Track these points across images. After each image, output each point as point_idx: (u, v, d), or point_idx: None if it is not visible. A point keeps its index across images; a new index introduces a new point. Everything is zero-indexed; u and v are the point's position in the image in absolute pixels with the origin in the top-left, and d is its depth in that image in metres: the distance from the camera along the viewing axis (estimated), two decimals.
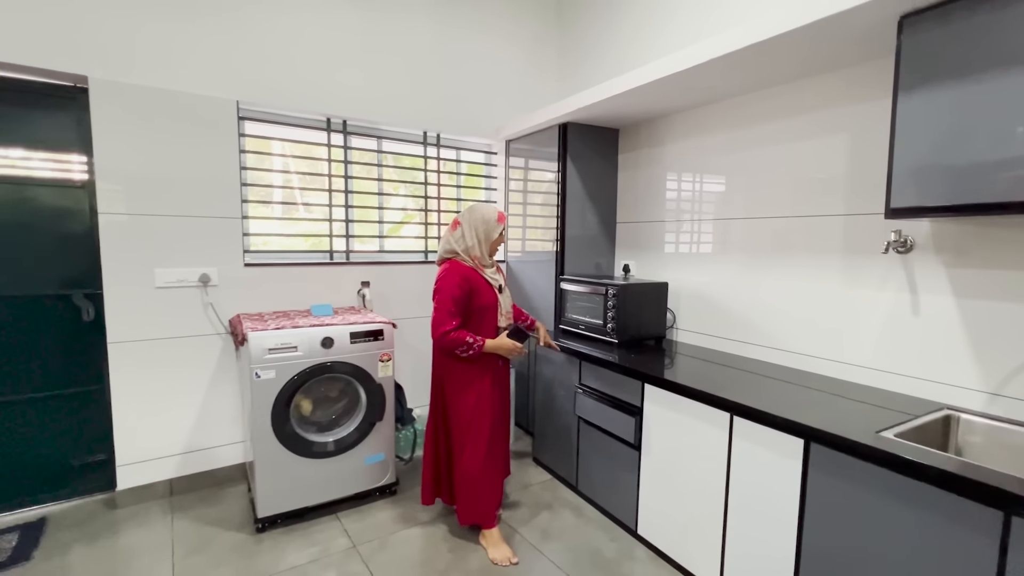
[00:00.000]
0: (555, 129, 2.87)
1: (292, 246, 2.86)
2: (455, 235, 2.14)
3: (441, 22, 3.06)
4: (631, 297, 2.46)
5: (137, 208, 2.28)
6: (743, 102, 2.29)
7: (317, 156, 2.86)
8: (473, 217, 2.13)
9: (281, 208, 2.81)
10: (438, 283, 2.07)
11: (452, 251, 2.12)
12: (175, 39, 2.31)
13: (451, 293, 2.02)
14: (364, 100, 2.84)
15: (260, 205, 2.70)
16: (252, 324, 2.24)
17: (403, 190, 3.26)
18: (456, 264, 2.09)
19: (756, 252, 2.27)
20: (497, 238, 2.16)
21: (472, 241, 2.11)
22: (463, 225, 2.13)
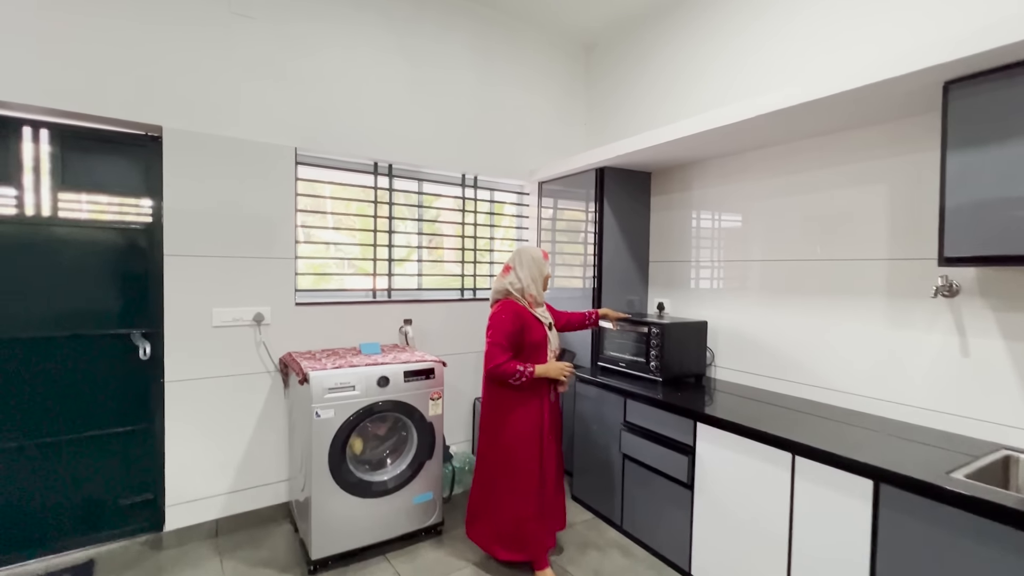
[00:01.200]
0: (592, 173, 2.99)
1: (339, 285, 2.93)
2: (509, 278, 2.23)
3: (481, 74, 3.23)
4: (674, 336, 2.53)
5: (199, 249, 2.36)
6: (781, 152, 2.42)
7: (363, 198, 2.97)
8: (524, 259, 2.24)
9: (328, 248, 2.89)
10: (492, 319, 2.16)
11: (506, 291, 2.22)
12: (242, 91, 2.44)
13: (503, 328, 2.10)
14: (409, 144, 2.97)
15: (311, 245, 2.78)
16: (309, 363, 2.28)
17: (441, 229, 3.36)
18: (509, 302, 2.19)
19: (796, 293, 2.36)
20: (547, 275, 2.28)
21: (528, 281, 2.21)
22: (516, 268, 2.23)
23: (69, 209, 2.21)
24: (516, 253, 2.28)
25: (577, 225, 3.18)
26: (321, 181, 2.82)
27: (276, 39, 2.53)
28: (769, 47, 2.48)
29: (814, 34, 2.29)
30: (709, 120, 2.22)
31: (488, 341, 2.13)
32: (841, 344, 2.19)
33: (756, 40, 2.54)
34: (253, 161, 2.48)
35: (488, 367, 2.09)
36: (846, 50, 2.16)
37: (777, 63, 2.44)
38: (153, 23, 2.24)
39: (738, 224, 2.64)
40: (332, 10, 2.69)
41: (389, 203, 3.01)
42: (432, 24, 3.04)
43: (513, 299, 2.20)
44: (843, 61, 2.16)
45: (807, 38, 2.32)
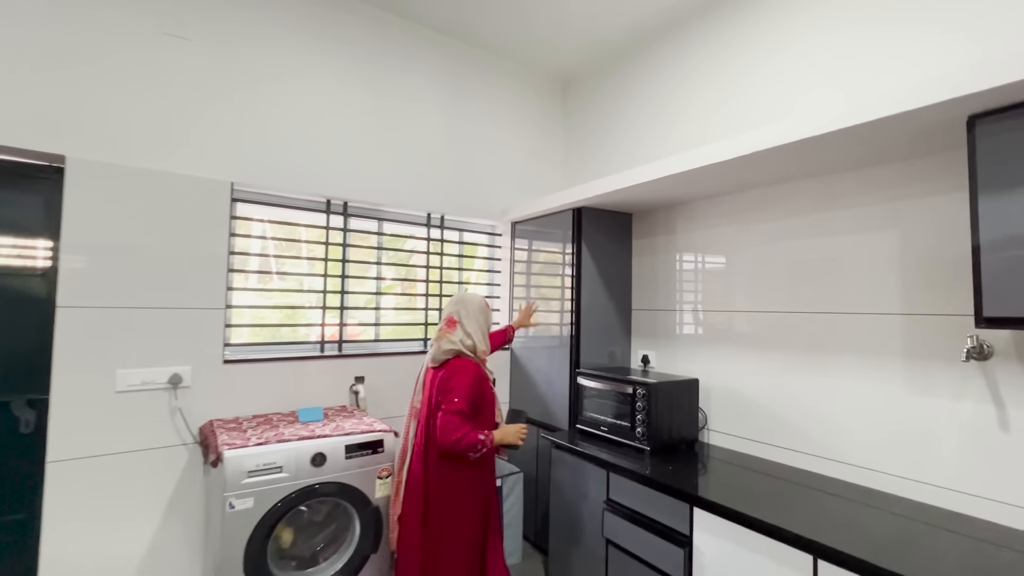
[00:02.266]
0: (568, 213, 2.74)
1: (282, 337, 2.57)
2: (455, 336, 1.97)
3: (450, 108, 3.01)
4: (663, 396, 2.21)
5: (104, 299, 1.99)
6: (777, 193, 2.20)
7: (313, 239, 2.65)
8: (471, 310, 2.03)
9: (271, 296, 2.54)
10: (452, 382, 1.85)
11: (457, 351, 1.95)
12: (172, 119, 2.14)
13: (467, 394, 1.83)
14: (368, 181, 2.69)
15: (246, 293, 2.43)
16: (230, 437, 1.90)
17: (403, 273, 3.04)
18: (467, 361, 1.93)
19: (797, 348, 2.09)
20: (490, 325, 2.12)
21: (479, 336, 2.00)
22: (463, 322, 2.00)
23: None
24: (459, 303, 2.03)
25: (553, 269, 2.90)
26: (265, 220, 2.50)
27: (217, 64, 2.26)
28: (757, 81, 2.30)
29: (805, 69, 2.11)
30: (694, 158, 1.99)
31: (446, 408, 1.81)
32: (852, 410, 1.90)
33: (744, 74, 2.37)
34: (178, 197, 2.15)
35: (448, 440, 1.76)
36: (839, 87, 1.98)
37: (766, 98, 2.26)
38: (62, 39, 1.94)
39: (729, 271, 2.39)
40: (285, 35, 2.45)
41: (343, 244, 2.69)
42: (398, 56, 2.82)
43: (467, 358, 1.94)
44: (837, 97, 1.98)
45: (797, 73, 2.14)
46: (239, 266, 2.38)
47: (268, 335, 2.54)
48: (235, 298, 2.37)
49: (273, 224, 2.55)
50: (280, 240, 2.59)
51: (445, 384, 1.86)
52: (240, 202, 2.39)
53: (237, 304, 2.38)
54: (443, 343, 1.95)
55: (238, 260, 2.38)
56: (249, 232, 2.46)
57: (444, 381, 1.87)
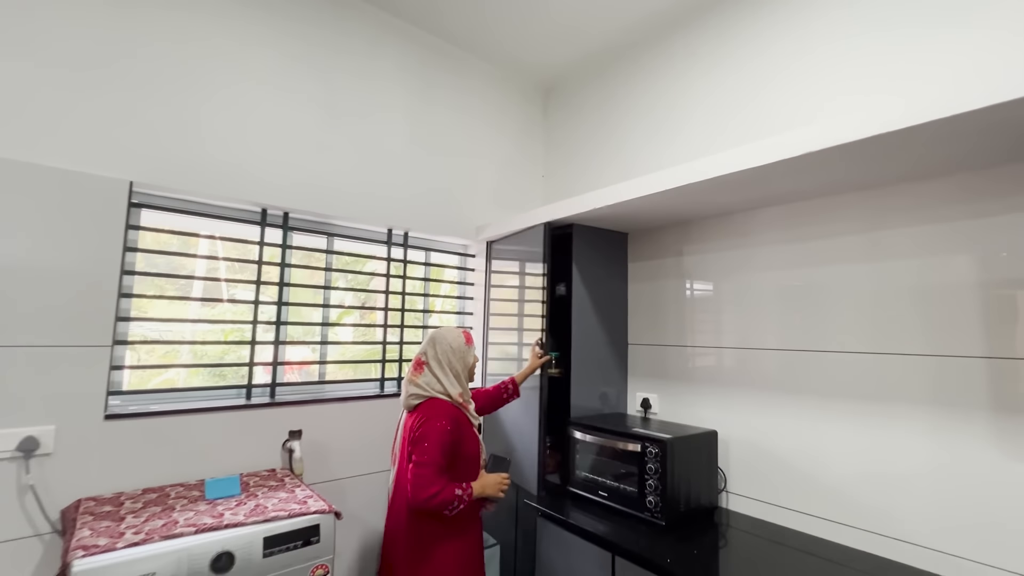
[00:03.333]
0: (558, 232, 2.33)
1: (189, 380, 2.02)
2: (423, 379, 1.74)
3: (417, 110, 2.58)
4: (679, 455, 1.78)
5: None
6: (805, 209, 1.85)
7: (245, 258, 2.13)
8: (439, 350, 1.77)
9: (179, 326, 2.01)
10: (422, 429, 1.62)
11: (425, 396, 1.72)
12: (39, 96, 1.62)
13: (440, 443, 1.60)
14: (315, 189, 2.21)
15: (147, 324, 1.89)
16: (92, 531, 1.33)
17: (359, 300, 2.55)
18: (442, 404, 1.69)
19: (839, 396, 1.71)
20: (472, 363, 1.85)
21: (448, 380, 1.74)
22: (430, 364, 1.76)
23: None
24: (429, 343, 1.80)
25: (539, 294, 2.47)
26: (179, 232, 1.98)
27: (108, 30, 1.76)
28: (778, 88, 1.99)
29: (833, 75, 1.81)
30: (714, 165, 1.62)
31: (418, 460, 1.57)
32: (915, 473, 1.52)
33: (761, 79, 2.05)
34: (51, 198, 1.61)
35: (420, 498, 1.53)
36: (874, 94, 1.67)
37: (786, 106, 1.95)
38: None
39: (748, 300, 2.01)
40: None
41: (281, 264, 2.18)
42: (359, 42, 2.39)
43: (442, 400, 1.71)
44: (867, 105, 1.67)
45: (825, 79, 1.83)
46: (139, 290, 1.85)
47: (174, 379, 1.99)
48: (131, 331, 1.83)
49: (192, 238, 2.03)
50: (200, 258, 2.07)
51: (415, 431, 1.63)
52: (144, 208, 1.87)
53: (133, 339, 1.83)
54: (409, 387, 1.75)
55: (138, 282, 1.85)
56: (160, 247, 1.93)
57: (415, 427, 1.64)
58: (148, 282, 1.90)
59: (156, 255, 1.91)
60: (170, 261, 1.98)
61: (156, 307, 1.97)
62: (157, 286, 1.93)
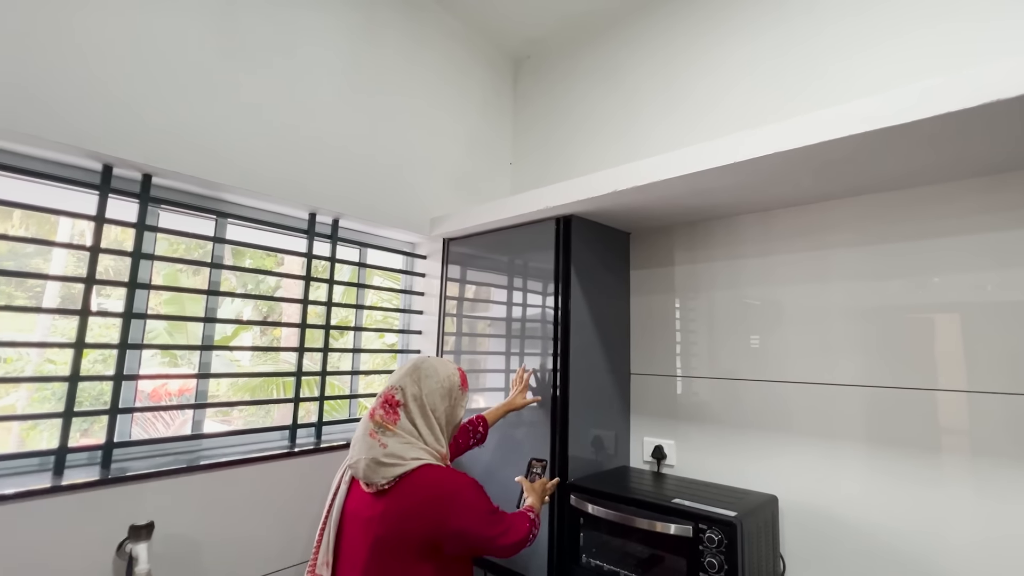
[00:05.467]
0: (549, 225, 1.74)
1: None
2: (402, 427, 1.15)
3: (358, 55, 1.90)
4: (751, 541, 1.24)
5: None
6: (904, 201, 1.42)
7: (72, 243, 1.32)
8: (424, 389, 1.20)
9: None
10: (466, 514, 1.09)
11: (413, 458, 1.12)
12: None
13: (483, 507, 1.14)
14: (199, 141, 1.45)
15: None
16: None
17: (251, 312, 1.79)
18: (440, 470, 1.15)
19: (962, 448, 1.27)
20: (459, 420, 1.29)
21: (436, 430, 1.20)
22: (408, 407, 1.17)
23: None
24: (410, 375, 1.21)
25: (509, 310, 1.86)
26: None
27: None
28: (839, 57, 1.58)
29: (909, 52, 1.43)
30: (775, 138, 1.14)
31: (481, 541, 1.11)
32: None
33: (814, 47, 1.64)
34: None
35: (516, 538, 1.15)
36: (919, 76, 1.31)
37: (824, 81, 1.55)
38: None
39: (799, 319, 1.55)
40: None
41: (135, 255, 1.39)
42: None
43: (435, 465, 1.15)
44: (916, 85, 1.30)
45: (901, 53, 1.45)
46: None
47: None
48: None
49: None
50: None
51: (432, 523, 1.07)
52: None
53: None
54: (372, 448, 1.11)
55: None
56: None
57: (422, 517, 1.08)
58: None
59: None
60: None
61: None
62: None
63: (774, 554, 1.39)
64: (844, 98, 1.21)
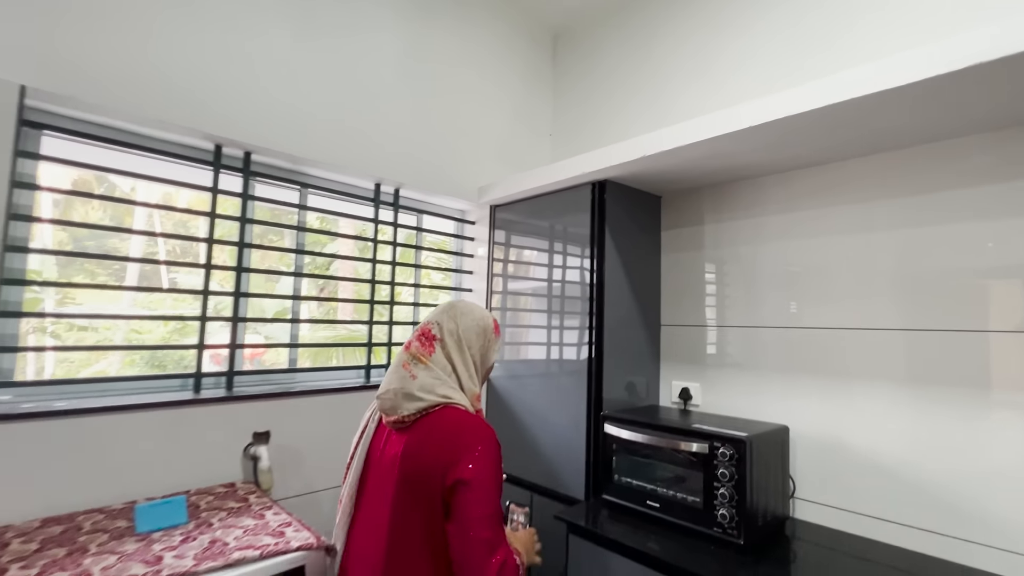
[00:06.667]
0: (585, 190, 1.94)
1: (118, 367, 1.52)
2: (436, 361, 1.13)
3: (412, 37, 2.12)
4: (760, 457, 1.44)
5: None
6: (912, 157, 1.53)
7: (195, 210, 1.64)
8: (461, 325, 1.19)
9: (97, 295, 1.50)
10: (464, 463, 0.99)
11: (441, 395, 1.09)
12: None
13: (497, 483, 1.04)
14: (284, 121, 1.72)
15: (45, 291, 1.38)
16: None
17: (339, 270, 2.08)
18: (471, 419, 1.09)
19: (945, 381, 1.41)
20: (491, 365, 1.28)
21: (467, 373, 1.17)
22: (445, 342, 1.16)
23: None
24: (446, 313, 1.21)
25: (550, 271, 2.08)
26: (97, 168, 1.46)
27: None
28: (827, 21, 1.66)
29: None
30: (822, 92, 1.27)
31: (474, 513, 0.97)
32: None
33: (807, 10, 1.72)
34: None
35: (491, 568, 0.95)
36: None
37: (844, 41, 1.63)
38: None
39: (822, 271, 1.69)
40: None
41: (242, 219, 1.69)
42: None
43: (462, 409, 1.10)
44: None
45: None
46: (40, 244, 1.34)
47: (96, 364, 1.49)
48: (28, 299, 1.32)
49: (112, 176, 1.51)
50: (127, 203, 1.56)
51: (467, 464, 0.99)
52: (47, 131, 1.35)
53: (29, 310, 1.32)
54: (404, 380, 1.09)
55: (38, 233, 1.33)
56: (62, 187, 1.42)
57: (468, 459, 1.00)
58: (46, 236, 1.38)
59: (60, 195, 1.39)
60: (84, 210, 1.46)
61: (56, 268, 1.45)
62: (61, 241, 1.41)
63: (784, 474, 1.59)
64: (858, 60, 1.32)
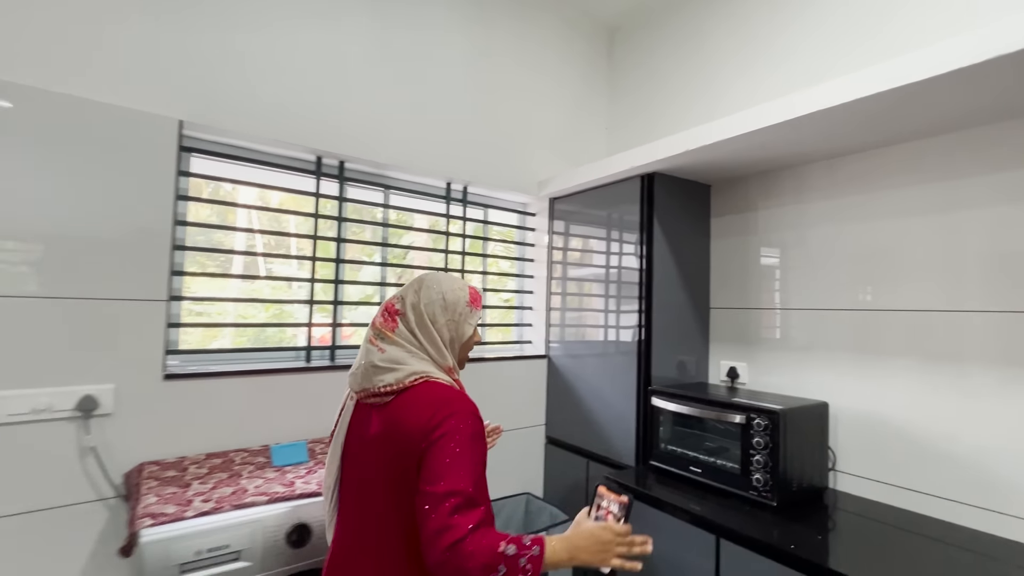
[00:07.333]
0: (635, 183, 2.09)
1: (244, 341, 1.90)
2: (400, 335, 1.08)
3: (477, 44, 2.34)
4: (793, 428, 1.57)
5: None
6: (952, 143, 1.56)
7: (298, 209, 1.98)
8: (423, 298, 1.11)
9: (236, 285, 1.87)
10: (435, 436, 0.95)
11: (418, 369, 1.05)
12: (70, 23, 1.46)
13: (472, 457, 0.96)
14: (370, 134, 2.02)
15: (201, 279, 1.76)
16: (159, 499, 1.22)
17: (415, 259, 2.38)
18: (444, 389, 1.04)
19: (985, 360, 1.45)
20: (470, 340, 1.17)
21: (436, 341, 1.09)
22: (407, 316, 1.10)
23: None
24: (411, 287, 1.14)
25: (610, 258, 2.26)
26: (232, 180, 1.83)
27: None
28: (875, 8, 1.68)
29: None
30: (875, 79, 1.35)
31: (434, 489, 0.90)
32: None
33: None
34: (96, 136, 1.47)
35: (441, 545, 0.86)
36: None
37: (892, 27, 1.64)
38: None
39: (867, 255, 1.75)
40: None
41: (339, 218, 2.02)
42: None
43: (438, 381, 1.05)
44: None
45: None
46: (191, 242, 1.71)
47: (230, 339, 1.87)
48: (185, 287, 1.70)
49: (242, 188, 1.88)
50: (253, 209, 1.92)
51: (439, 428, 0.95)
52: (195, 154, 1.72)
53: (187, 295, 1.71)
54: (374, 356, 1.06)
55: (191, 234, 1.71)
56: (209, 195, 1.79)
57: (406, 434, 0.97)
58: (199, 235, 1.76)
59: (204, 205, 1.77)
60: (222, 215, 1.83)
61: (208, 263, 1.84)
62: (214, 240, 1.79)
63: (822, 446, 1.70)
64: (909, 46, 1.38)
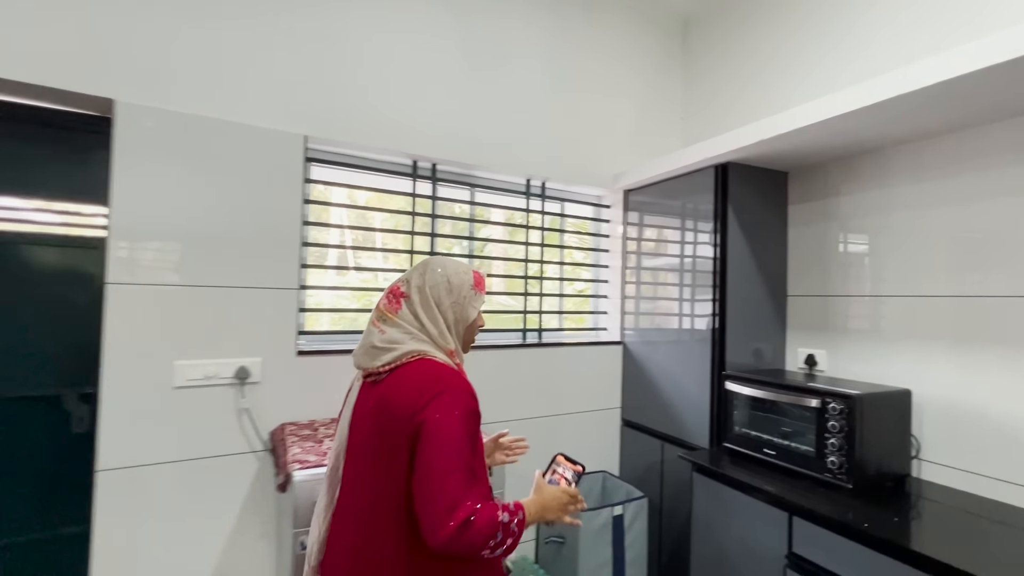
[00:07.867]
0: (709, 172, 2.14)
1: (356, 324, 2.18)
2: (403, 317, 1.10)
3: (553, 49, 2.47)
4: (871, 413, 1.59)
5: (157, 276, 1.65)
6: None
7: (397, 208, 2.24)
8: (428, 280, 1.12)
9: (347, 275, 2.16)
10: (427, 412, 0.96)
11: (414, 348, 1.06)
12: (223, 53, 1.77)
13: (467, 432, 0.98)
14: (457, 138, 2.22)
15: (322, 271, 2.06)
16: (301, 450, 1.50)
17: (496, 251, 2.58)
18: (440, 367, 1.05)
19: None
20: (474, 322, 1.18)
21: (436, 327, 1.10)
22: (411, 298, 1.11)
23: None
24: (415, 270, 1.15)
25: (684, 247, 2.32)
26: (344, 185, 2.10)
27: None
28: None
29: None
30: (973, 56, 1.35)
31: (433, 466, 0.94)
32: None
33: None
34: (243, 153, 1.78)
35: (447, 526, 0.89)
36: None
37: None
38: None
39: (956, 239, 1.71)
40: None
41: (432, 215, 2.25)
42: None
43: (435, 359, 1.07)
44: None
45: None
46: (314, 239, 2.01)
47: (347, 322, 2.16)
48: (309, 277, 2.00)
49: (356, 192, 2.15)
50: (362, 209, 2.20)
51: (409, 416, 0.97)
52: (315, 163, 2.01)
53: (312, 284, 2.01)
54: (374, 337, 1.08)
55: (312, 232, 2.01)
56: (325, 199, 2.08)
57: (400, 409, 0.99)
58: (319, 233, 2.05)
59: (322, 207, 2.05)
60: (318, 214, 2.12)
61: (328, 256, 2.13)
62: (334, 237, 2.08)
63: (903, 433, 1.70)
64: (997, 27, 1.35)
